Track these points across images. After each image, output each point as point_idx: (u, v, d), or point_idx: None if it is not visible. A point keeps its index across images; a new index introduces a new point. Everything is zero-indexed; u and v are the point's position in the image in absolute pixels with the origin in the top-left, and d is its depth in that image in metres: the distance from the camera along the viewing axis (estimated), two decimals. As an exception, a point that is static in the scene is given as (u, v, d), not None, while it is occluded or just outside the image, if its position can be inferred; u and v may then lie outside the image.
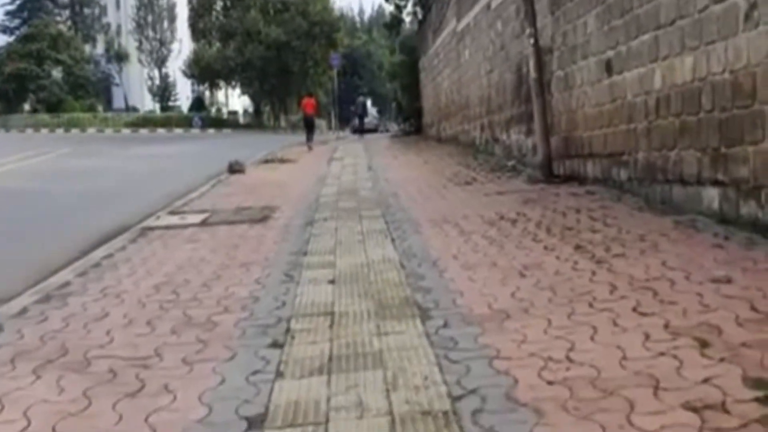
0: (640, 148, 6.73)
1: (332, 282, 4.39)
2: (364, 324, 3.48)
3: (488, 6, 13.40)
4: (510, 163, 11.39)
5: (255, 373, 2.89)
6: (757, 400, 2.29)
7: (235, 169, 12.88)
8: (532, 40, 8.74)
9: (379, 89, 60.94)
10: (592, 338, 3.03)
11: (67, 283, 4.62)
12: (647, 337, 2.97)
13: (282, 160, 15.96)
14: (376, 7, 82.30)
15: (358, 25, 79.94)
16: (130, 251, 5.71)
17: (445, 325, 3.36)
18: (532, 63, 8.85)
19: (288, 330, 3.46)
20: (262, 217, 7.20)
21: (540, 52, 8.86)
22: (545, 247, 4.94)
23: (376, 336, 3.28)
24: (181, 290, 4.33)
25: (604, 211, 6.26)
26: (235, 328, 3.52)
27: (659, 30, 6.17)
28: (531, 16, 8.82)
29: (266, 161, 16.03)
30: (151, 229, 6.80)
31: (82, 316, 3.84)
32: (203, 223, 6.98)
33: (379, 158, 16.56)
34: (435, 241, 5.55)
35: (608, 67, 7.34)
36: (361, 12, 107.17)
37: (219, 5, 52.96)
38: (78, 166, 16.65)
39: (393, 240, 5.71)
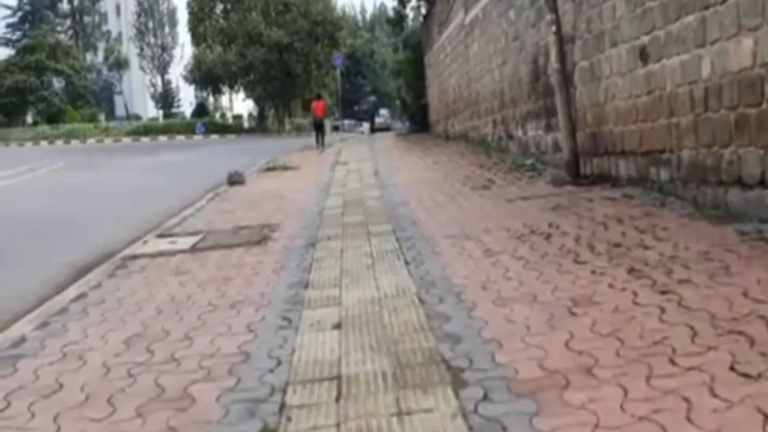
0: (685, 145, 5.91)
1: (338, 327, 3.62)
2: (379, 396, 2.70)
3: (497, -5, 12.59)
4: (528, 162, 10.58)
5: (236, 487, 2.13)
6: None
7: (234, 180, 12.07)
8: (553, 28, 7.90)
9: (382, 88, 60.16)
10: (688, 418, 2.24)
11: (21, 339, 3.84)
12: (766, 417, 2.18)
13: (285, 167, 15.16)
14: (377, 5, 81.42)
15: (360, 23, 79.01)
16: (105, 289, 4.93)
17: (486, 398, 2.58)
18: (553, 53, 8.02)
19: (283, 407, 2.69)
20: (261, 238, 6.43)
21: (562, 41, 8.03)
22: (593, 272, 4.14)
23: (396, 417, 2.50)
24: (157, 346, 3.56)
25: (649, 219, 5.45)
26: (217, 405, 2.75)
27: (707, 10, 5.35)
28: (552, 2, 7.97)
29: (268, 169, 15.23)
30: (135, 257, 6.02)
31: (29, 391, 3.07)
32: (194, 249, 6.21)
33: (386, 160, 15.76)
34: (456, 264, 4.76)
35: (643, 55, 6.52)
36: (363, 10, 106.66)
37: (219, 8, 52.12)
38: (68, 183, 15.82)
39: (407, 263, 4.93)
